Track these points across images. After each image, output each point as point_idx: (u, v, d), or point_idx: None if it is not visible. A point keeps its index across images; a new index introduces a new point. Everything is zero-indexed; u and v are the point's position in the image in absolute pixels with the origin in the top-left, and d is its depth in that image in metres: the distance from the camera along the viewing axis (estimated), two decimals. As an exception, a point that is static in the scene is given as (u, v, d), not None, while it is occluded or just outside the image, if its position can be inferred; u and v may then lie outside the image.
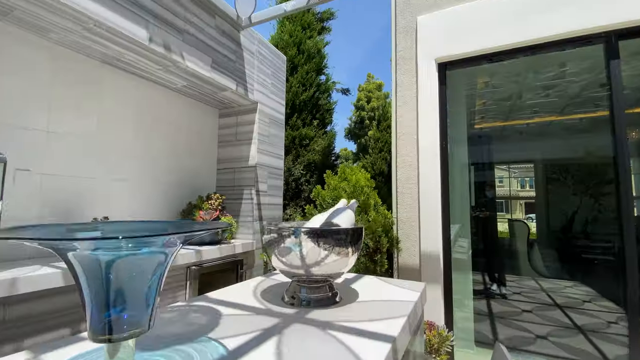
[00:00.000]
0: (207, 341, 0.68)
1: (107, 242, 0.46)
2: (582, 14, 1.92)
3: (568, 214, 4.43)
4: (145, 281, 0.50)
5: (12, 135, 1.61)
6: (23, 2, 1.45)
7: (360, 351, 0.64)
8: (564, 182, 4.73)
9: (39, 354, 0.60)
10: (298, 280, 1.02)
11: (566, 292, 3.80)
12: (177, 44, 2.02)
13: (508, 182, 8.21)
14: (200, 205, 2.36)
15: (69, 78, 1.87)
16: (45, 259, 1.63)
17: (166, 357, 0.59)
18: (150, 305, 0.50)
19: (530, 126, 4.96)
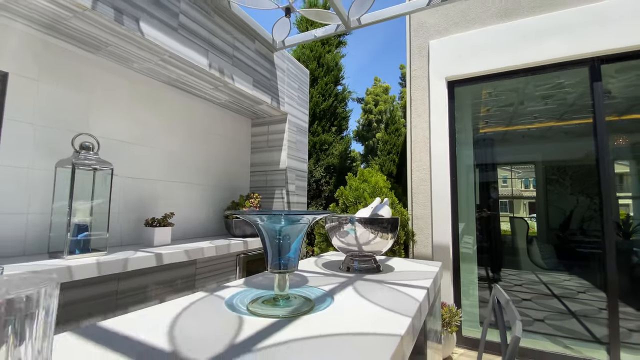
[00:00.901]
0: (310, 287, 1.06)
1: (272, 217, 0.84)
2: (569, 42, 2.27)
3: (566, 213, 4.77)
4: (294, 240, 0.88)
5: (105, 146, 2.00)
6: (117, 40, 1.84)
7: (409, 294, 1.02)
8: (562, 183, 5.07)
9: (212, 292, 0.98)
10: (352, 255, 1.40)
11: (563, 284, 4.14)
12: (228, 67, 2.41)
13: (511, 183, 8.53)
14: (243, 204, 2.74)
15: (140, 98, 2.26)
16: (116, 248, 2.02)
17: (297, 292, 0.97)
18: (297, 255, 0.88)
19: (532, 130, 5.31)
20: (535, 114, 4.73)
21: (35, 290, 0.33)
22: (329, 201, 4.93)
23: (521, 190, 14.68)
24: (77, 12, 1.56)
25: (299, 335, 0.67)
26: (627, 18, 2.18)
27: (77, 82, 1.89)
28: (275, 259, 0.86)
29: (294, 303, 0.86)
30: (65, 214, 1.62)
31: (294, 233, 0.87)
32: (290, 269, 0.87)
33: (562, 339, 2.63)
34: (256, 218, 0.83)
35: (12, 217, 1.60)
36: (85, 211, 1.66)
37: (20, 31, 1.65)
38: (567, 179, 5.01)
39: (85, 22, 1.64)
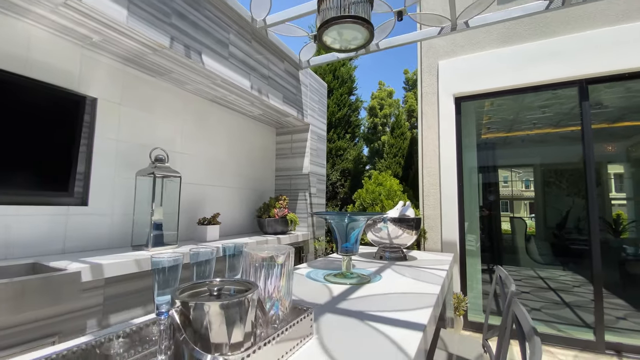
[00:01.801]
0: (359, 269, 1.42)
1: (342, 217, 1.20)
2: (561, 66, 2.62)
3: (562, 213, 5.11)
4: (354, 233, 1.24)
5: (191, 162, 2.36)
6: (181, 68, 2.20)
7: (434, 273, 1.38)
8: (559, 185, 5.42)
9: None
10: (384, 247, 1.76)
11: (559, 278, 4.48)
12: (265, 87, 2.77)
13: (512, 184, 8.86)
14: (273, 205, 3.10)
15: (190, 114, 2.62)
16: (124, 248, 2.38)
17: (353, 271, 1.33)
18: (357, 243, 1.24)
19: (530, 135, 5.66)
20: (534, 121, 5.08)
21: (280, 254, 0.69)
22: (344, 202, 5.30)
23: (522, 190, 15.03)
24: (157, 50, 1.92)
25: (370, 293, 1.03)
26: (610, 46, 2.53)
27: (145, 103, 2.25)
28: (343, 246, 1.22)
29: (357, 276, 1.22)
30: (145, 214, 1.98)
31: (355, 229, 1.23)
32: (353, 253, 1.23)
33: (556, 324, 2.98)
34: (332, 217, 1.19)
35: (102, 218, 1.97)
36: (160, 212, 2.03)
37: (107, 64, 2.02)
38: (563, 181, 5.36)
39: (162, 57, 2.00)
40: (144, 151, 2.19)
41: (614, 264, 4.12)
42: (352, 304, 0.93)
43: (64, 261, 1.52)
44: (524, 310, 0.84)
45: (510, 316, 1.05)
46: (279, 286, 0.68)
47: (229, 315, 0.49)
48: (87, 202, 1.89)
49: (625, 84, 3.12)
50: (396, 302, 0.95)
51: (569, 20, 2.69)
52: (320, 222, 3.72)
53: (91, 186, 1.91)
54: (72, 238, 1.82)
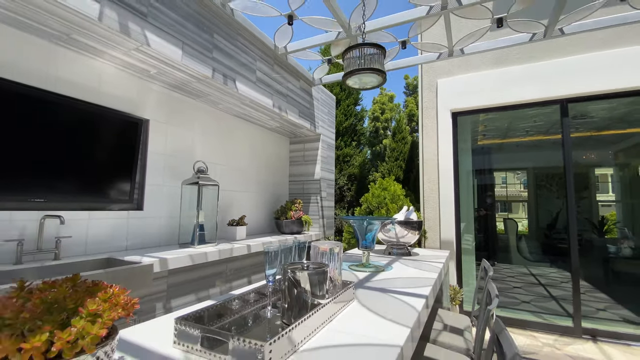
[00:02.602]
0: (373, 262, 1.79)
1: (362, 220, 1.57)
2: (545, 87, 2.99)
3: (553, 214, 5.48)
4: (371, 233, 1.61)
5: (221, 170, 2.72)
6: (218, 92, 2.56)
7: (433, 265, 1.76)
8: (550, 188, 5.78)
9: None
10: (392, 244, 2.13)
11: (549, 275, 4.85)
12: (284, 104, 3.14)
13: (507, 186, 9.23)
14: (290, 207, 3.46)
15: (221, 129, 2.99)
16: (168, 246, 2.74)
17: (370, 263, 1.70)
18: (373, 241, 1.61)
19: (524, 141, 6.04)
20: (526, 129, 5.46)
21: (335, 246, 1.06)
22: (350, 205, 5.68)
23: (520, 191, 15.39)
24: (200, 79, 2.29)
25: (385, 278, 1.40)
26: (588, 70, 2.90)
27: (186, 121, 2.62)
28: (362, 243, 1.59)
29: (374, 267, 1.59)
30: (188, 217, 2.35)
31: (371, 230, 1.60)
32: (371, 249, 1.60)
33: (541, 314, 3.35)
34: (355, 221, 1.56)
35: (154, 220, 2.33)
36: (202, 215, 2.39)
37: (157, 90, 2.38)
38: (553, 184, 5.72)
39: (203, 84, 2.36)
40: (184, 163, 2.56)
41: (598, 261, 4.49)
42: (373, 284, 1.30)
43: (135, 256, 1.89)
44: (494, 286, 1.20)
45: (486, 291, 1.42)
46: (336, 267, 1.05)
47: (318, 279, 0.85)
48: (143, 207, 2.26)
49: (606, 101, 3.49)
50: (405, 283, 1.32)
51: (552, 47, 3.06)
52: (329, 223, 4.09)
53: (145, 194, 2.27)
54: (132, 237, 2.19)
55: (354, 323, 0.90)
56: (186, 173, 2.55)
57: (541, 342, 2.77)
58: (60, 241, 1.77)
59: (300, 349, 0.73)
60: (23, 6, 1.47)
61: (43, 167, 1.73)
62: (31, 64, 1.71)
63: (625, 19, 2.42)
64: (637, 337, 2.78)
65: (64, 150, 1.82)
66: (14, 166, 1.62)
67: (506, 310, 3.55)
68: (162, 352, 0.72)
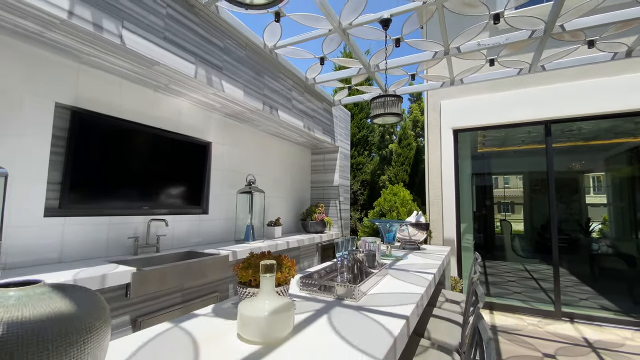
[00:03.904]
0: (393, 253, 2.39)
1: (386, 223, 2.17)
2: (532, 110, 3.56)
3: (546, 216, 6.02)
4: (392, 232, 2.21)
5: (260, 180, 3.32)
6: (263, 119, 3.16)
7: (437, 256, 2.36)
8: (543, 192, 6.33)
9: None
10: (405, 241, 2.72)
11: (542, 271, 5.41)
12: (312, 124, 3.73)
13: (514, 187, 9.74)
14: (314, 210, 4.06)
15: (260, 146, 3.59)
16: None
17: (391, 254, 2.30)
18: (394, 238, 2.21)
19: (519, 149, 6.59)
20: (522, 139, 6.01)
21: (376, 240, 1.66)
22: (364, 207, 6.27)
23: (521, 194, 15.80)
24: (253, 111, 2.89)
25: (403, 264, 2.00)
26: (568, 97, 3.47)
27: (236, 141, 3.22)
28: (386, 240, 2.18)
29: (395, 257, 2.18)
30: (241, 219, 2.95)
31: (392, 230, 2.20)
32: (392, 244, 2.19)
33: (529, 301, 3.92)
34: (380, 223, 2.16)
35: (215, 222, 2.94)
36: (252, 217, 3.00)
37: (217, 118, 2.99)
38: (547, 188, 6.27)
39: (254, 114, 2.97)
40: (236, 175, 3.17)
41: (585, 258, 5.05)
42: (397, 267, 1.89)
43: (210, 249, 2.49)
44: (479, 268, 1.79)
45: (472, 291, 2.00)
46: (377, 252, 1.65)
47: (369, 258, 1.44)
48: (208, 212, 2.87)
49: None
50: (419, 267, 1.91)
51: (537, 76, 3.63)
52: (346, 224, 4.68)
53: (210, 201, 2.88)
54: (201, 235, 2.80)
55: (391, 284, 1.49)
56: (238, 183, 3.16)
57: (527, 323, 3.35)
58: (159, 238, 2.38)
59: (368, 293, 1.32)
60: (148, 71, 2.08)
61: (147, 184, 2.34)
62: (138, 105, 2.33)
63: (594, 59, 2.99)
64: (607, 319, 3.35)
65: (160, 170, 2.43)
66: (133, 184, 2.23)
67: (501, 298, 4.12)
68: (295, 293, 1.31)
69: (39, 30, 1.61)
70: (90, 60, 1.94)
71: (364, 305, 1.17)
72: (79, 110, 1.95)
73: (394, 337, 0.89)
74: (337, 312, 1.10)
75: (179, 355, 0.76)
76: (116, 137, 2.14)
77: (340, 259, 1.52)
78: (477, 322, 0.99)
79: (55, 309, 0.41)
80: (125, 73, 2.12)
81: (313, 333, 0.91)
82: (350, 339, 0.87)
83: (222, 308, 1.14)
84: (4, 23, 1.54)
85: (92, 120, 2.01)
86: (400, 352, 0.93)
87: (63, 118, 1.90)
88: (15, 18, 1.50)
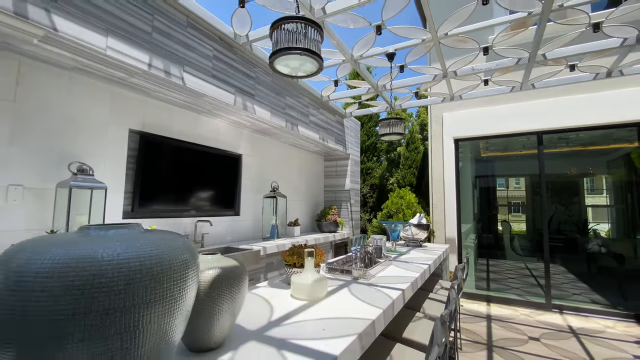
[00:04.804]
0: (397, 249, 2.84)
1: (391, 223, 2.62)
2: (525, 122, 3.94)
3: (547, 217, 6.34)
4: (397, 232, 2.65)
5: (281, 186, 3.80)
6: (285, 133, 3.63)
7: (435, 251, 2.80)
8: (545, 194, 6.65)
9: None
10: (409, 240, 3.17)
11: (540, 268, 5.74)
12: (326, 135, 4.20)
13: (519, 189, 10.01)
14: (328, 212, 4.52)
15: (281, 155, 4.07)
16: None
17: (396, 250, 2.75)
18: (398, 237, 2.66)
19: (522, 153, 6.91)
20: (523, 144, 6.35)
21: (383, 237, 2.12)
22: (373, 209, 6.70)
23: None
24: (277, 127, 3.37)
25: (407, 257, 2.45)
26: (558, 111, 3.84)
27: (262, 153, 3.71)
28: (391, 238, 2.63)
29: (398, 252, 2.63)
30: (267, 219, 3.44)
31: (397, 230, 2.65)
32: (397, 241, 2.64)
33: (525, 295, 4.29)
34: (387, 224, 2.61)
35: (245, 222, 3.43)
36: (275, 219, 3.48)
37: (246, 134, 3.48)
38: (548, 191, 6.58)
39: (278, 129, 3.44)
40: (262, 182, 3.65)
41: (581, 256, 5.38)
42: (400, 259, 2.33)
43: (243, 245, 2.97)
44: (464, 260, 2.22)
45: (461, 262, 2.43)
46: (384, 247, 2.10)
47: (378, 252, 1.89)
48: (240, 213, 3.36)
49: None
50: (420, 260, 2.34)
51: (529, 92, 4.00)
52: (356, 224, 5.12)
53: (241, 204, 3.37)
54: (234, 233, 3.29)
55: (394, 271, 1.93)
56: (263, 189, 3.64)
57: (519, 313, 3.73)
58: (203, 236, 2.88)
59: (376, 276, 1.77)
60: (197, 100, 2.58)
61: (193, 191, 2.84)
62: (185, 127, 2.83)
63: (578, 79, 3.37)
64: (594, 310, 3.71)
65: (202, 180, 2.93)
66: (183, 192, 2.74)
67: (499, 292, 4.50)
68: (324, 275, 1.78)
69: (124, 77, 2.12)
70: (155, 95, 2.45)
71: (373, 283, 1.62)
72: (145, 134, 2.46)
73: (393, 300, 1.34)
74: (354, 286, 1.55)
75: (261, 304, 1.24)
76: (170, 153, 2.64)
77: (354, 252, 1.97)
78: (451, 294, 1.44)
79: (229, 264, 0.88)
80: (179, 102, 2.62)
81: (339, 297, 1.37)
82: (364, 300, 1.33)
83: (274, 282, 1.61)
84: (99, 72, 2.05)
85: (154, 140, 2.51)
86: (397, 310, 1.39)
87: (134, 140, 2.41)
88: (108, 69, 2.01)
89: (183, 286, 0.58)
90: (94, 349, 0.47)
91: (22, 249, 0.48)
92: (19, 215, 1.80)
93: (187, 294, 0.60)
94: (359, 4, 2.17)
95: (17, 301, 0.44)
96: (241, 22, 2.45)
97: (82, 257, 0.47)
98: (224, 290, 0.82)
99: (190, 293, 0.61)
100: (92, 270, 0.46)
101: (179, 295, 0.57)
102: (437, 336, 0.94)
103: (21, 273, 0.45)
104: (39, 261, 0.45)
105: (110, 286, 0.47)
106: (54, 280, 0.44)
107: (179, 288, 0.57)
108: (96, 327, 0.47)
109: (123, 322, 0.49)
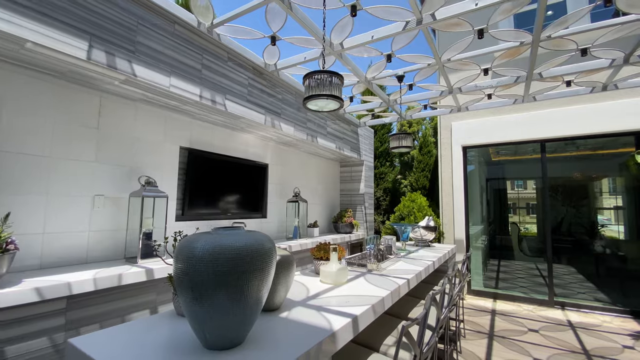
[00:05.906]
0: (407, 248, 3.21)
1: (401, 226, 2.99)
2: (529, 131, 4.22)
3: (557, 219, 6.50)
4: (406, 233, 3.03)
5: (303, 191, 4.23)
6: (304, 144, 4.06)
7: (441, 251, 3.16)
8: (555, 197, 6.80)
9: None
10: (418, 240, 3.53)
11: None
12: (342, 144, 4.60)
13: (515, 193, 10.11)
14: (344, 215, 4.91)
15: (301, 163, 4.50)
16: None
17: (407, 249, 3.13)
18: (407, 238, 3.03)
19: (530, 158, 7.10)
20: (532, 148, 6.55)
21: (393, 237, 2.51)
22: (385, 212, 7.04)
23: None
24: (298, 140, 3.79)
25: (416, 255, 2.83)
26: (559, 120, 4.10)
27: (285, 162, 4.15)
28: (402, 238, 3.01)
29: (407, 251, 3.00)
30: (290, 221, 3.86)
31: (406, 231, 3.02)
32: (407, 242, 3.02)
33: (530, 292, 4.55)
34: (397, 226, 2.99)
35: (271, 224, 3.87)
36: (297, 221, 3.90)
37: (271, 145, 3.92)
38: (558, 193, 6.73)
39: (299, 142, 3.87)
40: (285, 188, 4.09)
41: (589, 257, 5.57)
42: (409, 257, 2.70)
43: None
44: (465, 259, 2.57)
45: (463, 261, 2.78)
46: (395, 246, 2.48)
47: (388, 249, 2.27)
48: (266, 216, 3.80)
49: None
50: (426, 257, 2.71)
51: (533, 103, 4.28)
52: (370, 226, 5.49)
53: (268, 208, 3.81)
54: (262, 234, 3.73)
55: (402, 266, 2.31)
56: (285, 194, 4.08)
57: (523, 309, 4.02)
58: (237, 235, 3.33)
59: (387, 269, 2.16)
60: (233, 121, 3.04)
61: (228, 197, 3.30)
62: (222, 142, 3.29)
63: (576, 92, 3.64)
64: (594, 307, 3.95)
65: (236, 187, 3.38)
66: (221, 198, 3.20)
67: (507, 290, 4.78)
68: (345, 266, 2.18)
69: (177, 105, 2.59)
70: (199, 117, 2.92)
71: (384, 274, 2.01)
72: (192, 149, 2.93)
73: (399, 285, 1.73)
74: (369, 276, 1.95)
75: (299, 286, 1.65)
76: (210, 165, 3.11)
77: (369, 249, 2.36)
78: (446, 283, 1.81)
79: (285, 254, 1.30)
80: (218, 122, 3.09)
81: (357, 282, 1.77)
82: (376, 285, 1.72)
83: (305, 272, 2.03)
84: (158, 102, 2.53)
85: (198, 155, 2.98)
86: (403, 293, 1.77)
87: (183, 155, 2.89)
88: (166, 99, 2.48)
89: (270, 264, 0.99)
90: (231, 294, 0.89)
91: (196, 239, 0.91)
92: (102, 218, 2.29)
93: (271, 269, 1.01)
94: (371, 40, 2.57)
95: (211, 262, 0.87)
96: (271, 54, 2.89)
97: (229, 244, 0.90)
98: (283, 270, 1.24)
99: (272, 269, 1.02)
100: (234, 250, 0.89)
101: (267, 269, 0.99)
102: (427, 303, 1.33)
103: (213, 251, 0.88)
104: (220, 244, 0.89)
105: (242, 257, 0.89)
106: (221, 255, 0.87)
107: (267, 265, 0.98)
108: (233, 282, 0.89)
109: (242, 280, 0.91)
